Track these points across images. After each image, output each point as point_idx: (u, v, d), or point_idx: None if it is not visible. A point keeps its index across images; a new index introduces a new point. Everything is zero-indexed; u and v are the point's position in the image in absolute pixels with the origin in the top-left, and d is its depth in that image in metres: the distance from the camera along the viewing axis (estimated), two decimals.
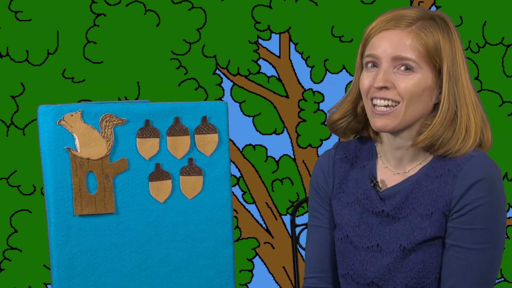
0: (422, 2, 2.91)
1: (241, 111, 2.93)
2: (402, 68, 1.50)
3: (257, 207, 2.98)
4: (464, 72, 1.53)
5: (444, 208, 1.51)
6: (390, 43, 1.51)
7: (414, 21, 1.52)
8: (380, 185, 1.60)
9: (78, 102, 2.37)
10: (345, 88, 2.93)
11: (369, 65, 1.54)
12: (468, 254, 1.49)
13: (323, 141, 2.96)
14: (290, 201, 2.98)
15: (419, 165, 1.57)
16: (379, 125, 1.52)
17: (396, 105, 1.51)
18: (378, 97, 1.51)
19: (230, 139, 2.94)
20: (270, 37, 2.89)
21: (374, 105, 1.53)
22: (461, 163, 1.51)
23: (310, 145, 2.95)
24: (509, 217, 2.97)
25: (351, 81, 2.92)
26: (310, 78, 2.93)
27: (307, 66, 2.92)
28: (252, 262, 2.98)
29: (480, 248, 1.48)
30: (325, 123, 1.72)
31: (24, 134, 2.79)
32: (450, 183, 1.51)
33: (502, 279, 2.98)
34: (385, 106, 1.52)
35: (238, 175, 2.96)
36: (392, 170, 1.60)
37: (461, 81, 1.52)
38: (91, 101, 2.54)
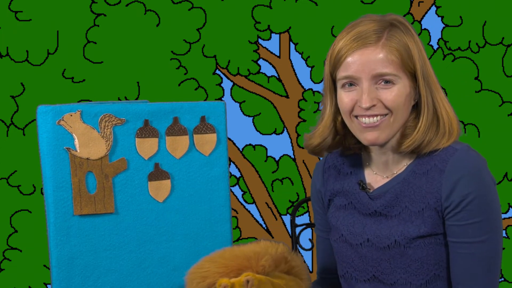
0: (422, 2, 2.91)
1: (241, 111, 2.93)
2: (383, 82, 1.53)
3: (257, 207, 2.97)
4: (431, 69, 1.58)
5: (436, 204, 1.54)
6: (367, 62, 1.52)
7: (380, 33, 1.54)
8: (369, 187, 1.64)
9: (78, 102, 2.37)
10: None
11: (347, 85, 1.56)
12: (473, 247, 1.52)
13: None
14: (290, 201, 2.98)
15: (405, 166, 1.61)
16: (371, 138, 1.55)
17: (384, 117, 1.54)
18: (367, 116, 1.54)
19: (230, 139, 2.94)
20: (270, 37, 2.89)
21: (362, 122, 1.56)
22: (446, 158, 1.54)
23: None
24: (509, 217, 2.96)
25: None
26: (310, 78, 2.93)
27: (307, 66, 2.92)
28: None
29: (484, 239, 1.52)
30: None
31: (24, 134, 2.79)
32: (438, 178, 1.53)
33: (502, 279, 2.97)
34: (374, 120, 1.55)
35: (238, 175, 2.96)
36: (381, 175, 1.64)
37: (432, 78, 1.57)
38: (91, 101, 2.54)
